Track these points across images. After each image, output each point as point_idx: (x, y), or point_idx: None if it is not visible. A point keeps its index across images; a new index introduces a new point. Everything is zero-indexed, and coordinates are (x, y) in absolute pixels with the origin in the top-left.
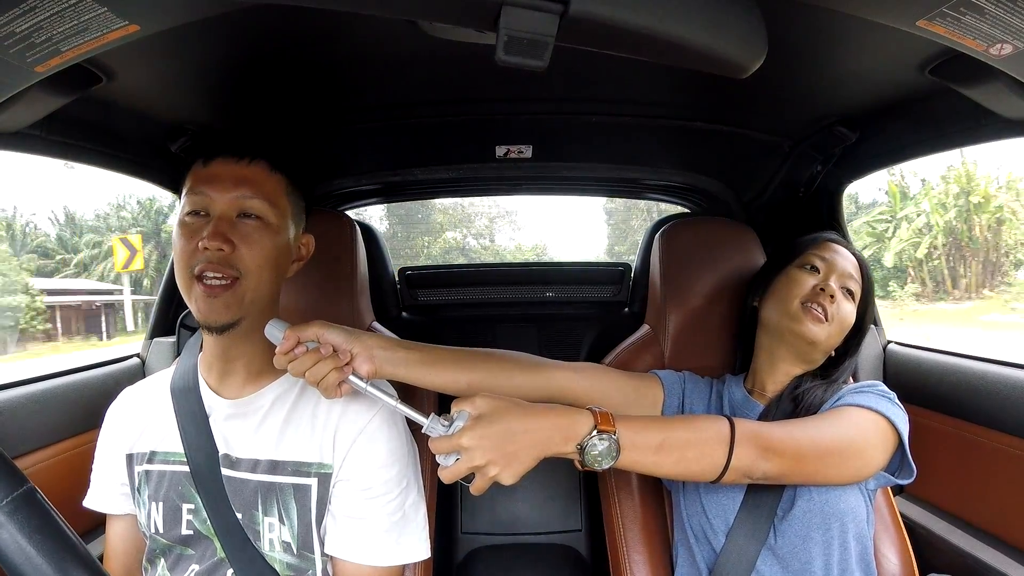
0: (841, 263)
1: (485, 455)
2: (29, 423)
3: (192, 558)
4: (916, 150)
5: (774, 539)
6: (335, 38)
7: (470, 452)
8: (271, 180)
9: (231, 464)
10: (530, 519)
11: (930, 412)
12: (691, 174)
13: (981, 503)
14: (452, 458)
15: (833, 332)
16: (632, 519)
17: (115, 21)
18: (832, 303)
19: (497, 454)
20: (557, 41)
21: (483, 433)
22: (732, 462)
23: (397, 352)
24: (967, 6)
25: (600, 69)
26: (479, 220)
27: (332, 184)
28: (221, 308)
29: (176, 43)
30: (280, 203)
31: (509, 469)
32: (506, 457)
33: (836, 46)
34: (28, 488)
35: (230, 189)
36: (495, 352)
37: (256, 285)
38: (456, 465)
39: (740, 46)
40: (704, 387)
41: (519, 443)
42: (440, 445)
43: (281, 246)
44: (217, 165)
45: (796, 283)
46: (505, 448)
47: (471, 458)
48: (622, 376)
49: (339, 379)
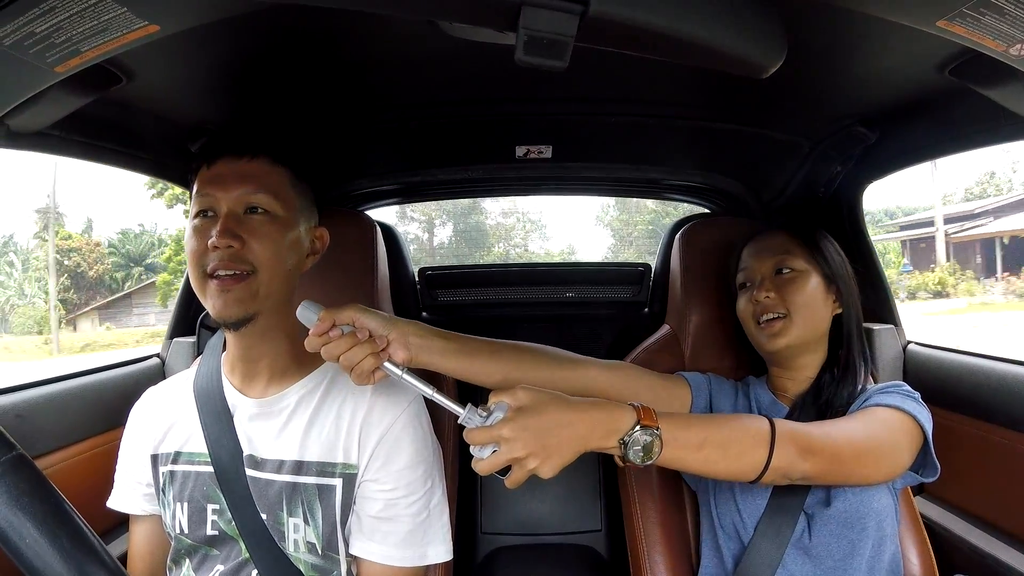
0: (761, 256)
1: (526, 447)
2: (49, 423)
3: (217, 558)
4: (936, 151)
5: (808, 538)
6: (355, 38)
7: (510, 444)
8: (275, 174)
9: (256, 465)
10: (550, 519)
11: (951, 413)
12: (710, 174)
13: (1002, 504)
14: (488, 450)
15: (801, 320)
16: (652, 519)
17: (135, 21)
18: (773, 300)
19: (538, 446)
20: (577, 41)
21: (524, 424)
22: (772, 462)
23: (433, 341)
24: (986, 6)
25: (620, 69)
26: (517, 235)
27: (352, 184)
28: (234, 303)
29: (196, 43)
30: (286, 196)
31: (549, 462)
32: (547, 450)
33: (855, 46)
34: (17, 454)
35: (234, 186)
36: (530, 345)
37: (269, 279)
38: (494, 456)
39: (760, 46)
40: (730, 389)
41: (560, 436)
42: (478, 436)
43: (292, 239)
44: (220, 165)
45: (743, 312)
46: (546, 441)
47: (511, 449)
48: (652, 375)
49: (374, 365)
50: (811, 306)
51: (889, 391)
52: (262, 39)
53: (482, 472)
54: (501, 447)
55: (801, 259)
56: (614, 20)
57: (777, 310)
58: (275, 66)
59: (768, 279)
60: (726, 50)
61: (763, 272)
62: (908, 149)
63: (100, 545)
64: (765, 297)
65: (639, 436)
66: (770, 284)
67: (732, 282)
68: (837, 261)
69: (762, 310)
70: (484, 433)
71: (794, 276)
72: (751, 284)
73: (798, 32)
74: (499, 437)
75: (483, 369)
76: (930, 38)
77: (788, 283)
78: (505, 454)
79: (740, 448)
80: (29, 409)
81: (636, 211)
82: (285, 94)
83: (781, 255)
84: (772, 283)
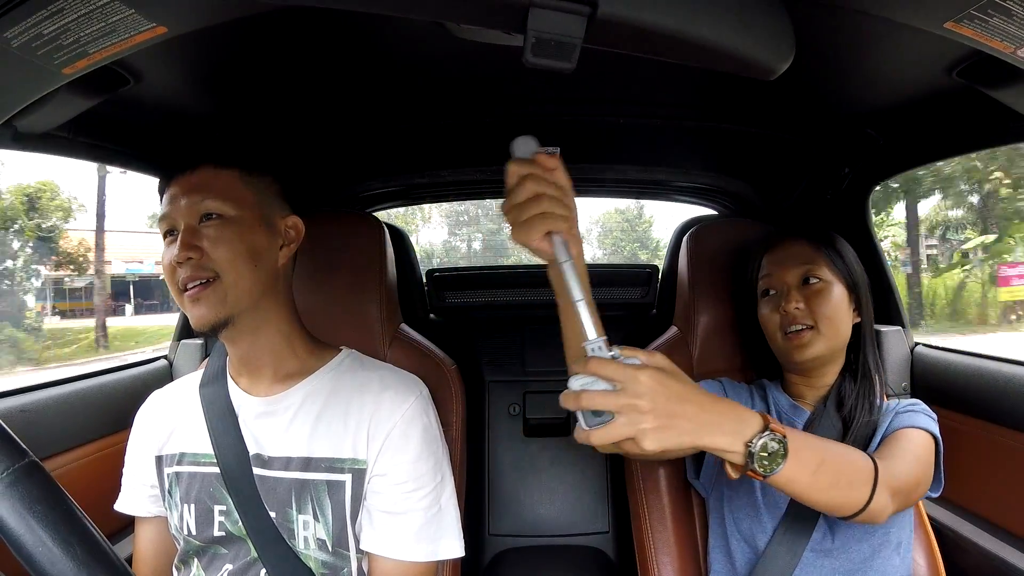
0: (786, 264)
1: (653, 403)
2: (57, 425)
3: (225, 557)
4: (943, 152)
5: (831, 540)
6: (362, 40)
7: (639, 395)
8: (220, 177)
9: (263, 463)
10: (558, 521)
11: (959, 415)
12: (718, 176)
13: (1010, 506)
14: (597, 420)
15: (828, 332)
16: (660, 521)
17: (143, 23)
18: (802, 312)
19: (664, 410)
20: (585, 43)
21: (662, 381)
22: (872, 503)
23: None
24: (994, 8)
25: (627, 71)
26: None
27: (360, 186)
28: (205, 310)
29: (203, 45)
30: (236, 195)
31: (663, 433)
32: (670, 418)
33: (863, 48)
34: (29, 461)
35: (184, 200)
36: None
37: (235, 279)
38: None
39: (768, 48)
40: (745, 393)
41: (687, 413)
42: (610, 369)
43: (254, 237)
44: (173, 186)
45: (767, 321)
46: (674, 408)
47: (637, 399)
48: None
49: (551, 229)
50: (837, 317)
51: (916, 411)
52: (270, 41)
53: (597, 441)
54: (624, 398)
55: (826, 268)
56: (622, 22)
57: (805, 321)
58: (283, 68)
59: (795, 288)
60: (734, 52)
61: (790, 281)
62: (915, 150)
63: (112, 551)
64: (795, 308)
65: (768, 441)
66: (798, 294)
67: (750, 288)
68: (857, 270)
69: (790, 320)
70: (618, 369)
71: (822, 287)
72: (776, 293)
73: (806, 34)
74: (632, 378)
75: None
76: (938, 40)
77: (816, 294)
78: (630, 397)
79: (849, 480)
80: (37, 411)
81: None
82: (293, 96)
83: (807, 264)
84: (800, 293)
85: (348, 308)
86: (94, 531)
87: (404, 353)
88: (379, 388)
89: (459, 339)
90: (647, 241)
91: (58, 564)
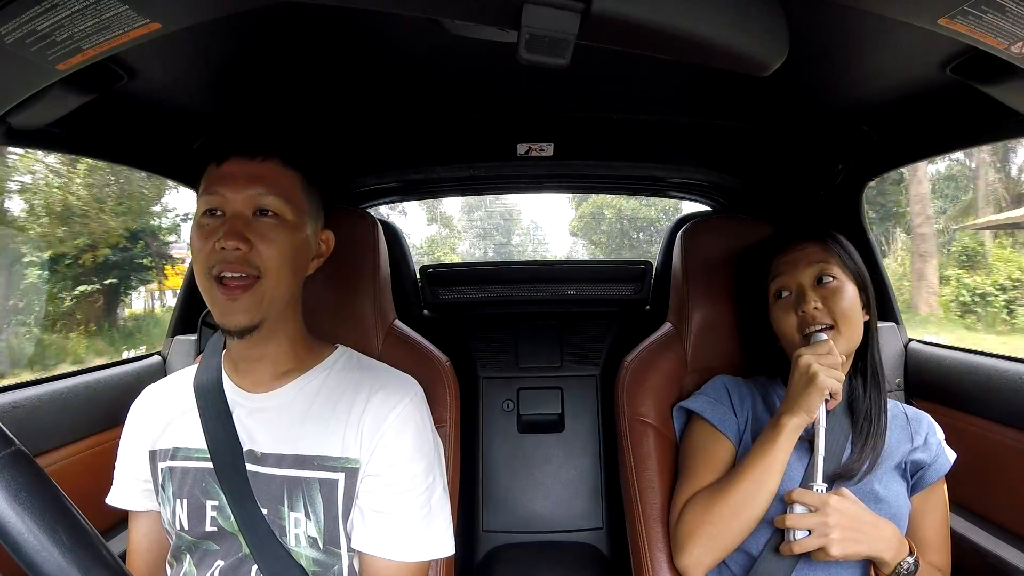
0: (799, 265)
1: (840, 521)
2: (51, 421)
3: (217, 554)
4: (937, 148)
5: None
6: (356, 36)
7: (829, 514)
8: (285, 176)
9: (256, 460)
10: (552, 517)
11: (952, 411)
12: (713, 172)
13: (1004, 503)
14: (803, 534)
15: (847, 330)
16: (654, 517)
17: (136, 19)
18: (822, 311)
19: (850, 527)
20: (579, 39)
21: (844, 505)
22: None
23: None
24: (988, 4)
25: (622, 67)
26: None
27: (354, 182)
28: (241, 312)
29: (197, 41)
30: (296, 199)
31: (843, 543)
32: (855, 533)
33: (857, 44)
34: (15, 449)
35: (244, 187)
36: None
37: (275, 284)
38: (804, 517)
39: (762, 44)
40: (747, 393)
41: (867, 532)
42: (807, 496)
43: (300, 243)
44: (230, 164)
45: (783, 323)
46: (858, 527)
47: (826, 514)
48: (713, 465)
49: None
50: (854, 315)
51: (944, 451)
52: (263, 37)
53: (798, 549)
54: (816, 517)
55: (838, 267)
56: (616, 18)
57: (825, 320)
58: (276, 64)
59: (811, 288)
60: (728, 48)
61: (804, 282)
62: (909, 146)
63: (99, 539)
64: (814, 308)
65: (911, 566)
66: (814, 295)
67: (756, 292)
68: (864, 269)
69: (810, 320)
70: (815, 497)
71: (837, 286)
72: (791, 294)
73: (800, 30)
74: (824, 503)
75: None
76: (932, 36)
77: (833, 293)
78: (821, 519)
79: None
80: (32, 407)
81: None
82: (287, 91)
83: (821, 263)
84: (816, 293)
85: (341, 304)
86: (81, 520)
87: (397, 349)
88: (373, 387)
89: (453, 335)
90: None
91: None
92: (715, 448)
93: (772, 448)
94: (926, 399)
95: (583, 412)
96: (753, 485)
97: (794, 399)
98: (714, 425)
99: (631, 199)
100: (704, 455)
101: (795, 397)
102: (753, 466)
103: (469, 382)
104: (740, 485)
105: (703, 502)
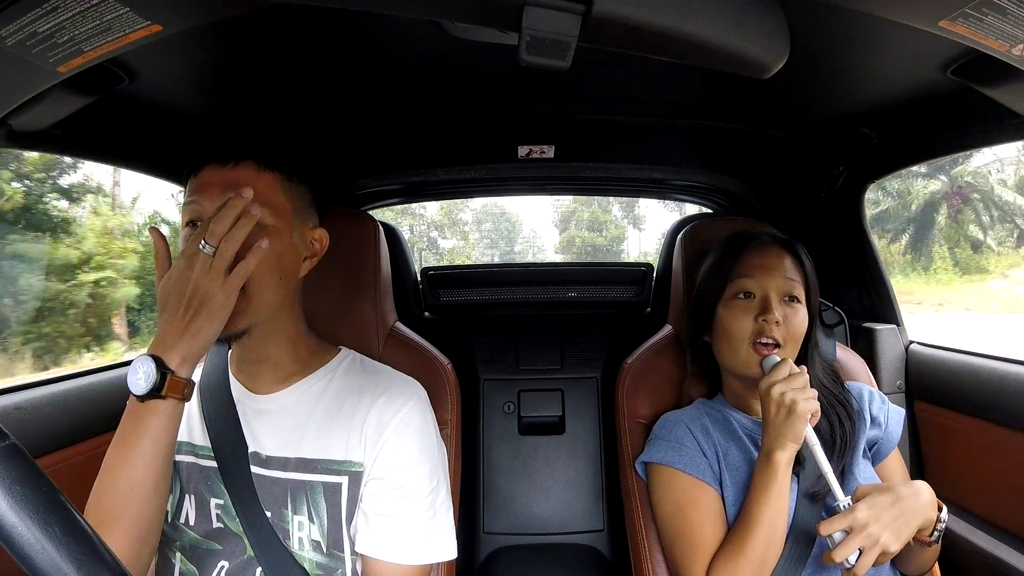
0: (776, 273)
1: (879, 518)
2: (51, 423)
3: (220, 554)
4: (938, 150)
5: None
6: (357, 39)
7: (863, 524)
8: (262, 179)
9: (261, 462)
10: (552, 519)
11: (953, 413)
12: (713, 174)
13: (1003, 504)
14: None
15: (792, 352)
16: (655, 519)
17: (138, 21)
18: (781, 328)
19: (889, 519)
20: (580, 41)
21: (872, 503)
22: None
23: None
24: (989, 6)
25: (623, 69)
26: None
27: (355, 184)
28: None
29: (198, 43)
30: (275, 201)
31: (893, 535)
32: (899, 519)
33: (858, 47)
34: (9, 443)
35: (219, 195)
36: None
37: (258, 292)
38: (848, 541)
39: (763, 47)
40: (708, 423)
41: (905, 507)
42: (836, 525)
43: (284, 247)
44: (206, 173)
45: (736, 322)
46: (895, 514)
47: (862, 525)
48: (714, 518)
49: (814, 410)
50: (800, 338)
51: (897, 415)
52: (265, 39)
53: (861, 572)
54: (859, 534)
55: (801, 288)
56: (617, 20)
57: (777, 337)
58: (277, 66)
59: (780, 302)
60: (729, 50)
61: (773, 293)
62: (910, 148)
63: (94, 533)
64: (776, 323)
65: (944, 519)
66: (780, 309)
67: (714, 280)
68: (816, 286)
69: (767, 332)
70: (843, 519)
71: (797, 309)
72: (758, 299)
73: (801, 32)
74: (853, 518)
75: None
76: (933, 38)
77: (795, 314)
78: (860, 534)
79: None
80: (31, 409)
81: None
82: (288, 94)
83: (792, 281)
84: (782, 310)
85: (342, 306)
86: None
87: (399, 351)
88: (377, 391)
89: (454, 337)
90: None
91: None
92: (704, 500)
93: (775, 487)
94: (927, 401)
95: (584, 414)
96: (768, 528)
97: (777, 432)
98: (692, 475)
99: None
100: (696, 514)
101: (778, 429)
102: (762, 510)
103: (470, 384)
104: (758, 533)
105: (727, 568)
